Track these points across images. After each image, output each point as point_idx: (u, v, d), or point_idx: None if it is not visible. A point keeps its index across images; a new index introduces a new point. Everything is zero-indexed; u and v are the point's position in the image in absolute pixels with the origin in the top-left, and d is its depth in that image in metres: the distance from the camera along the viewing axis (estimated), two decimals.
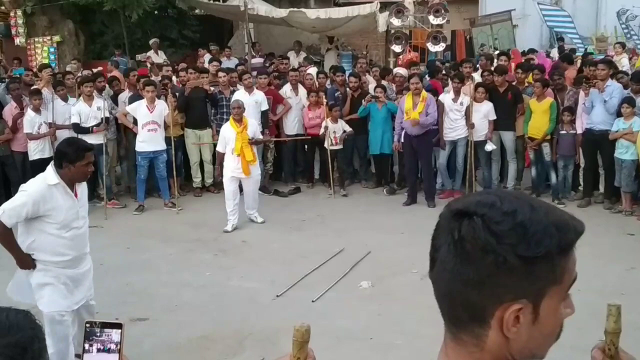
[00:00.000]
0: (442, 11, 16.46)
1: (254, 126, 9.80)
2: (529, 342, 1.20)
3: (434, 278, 1.26)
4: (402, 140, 10.70)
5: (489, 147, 10.68)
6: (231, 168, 9.49)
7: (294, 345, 1.46)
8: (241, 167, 9.43)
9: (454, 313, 1.22)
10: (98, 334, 1.48)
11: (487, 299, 1.17)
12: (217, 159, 9.95)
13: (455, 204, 1.24)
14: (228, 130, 9.54)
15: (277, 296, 6.93)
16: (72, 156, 5.11)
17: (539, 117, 10.37)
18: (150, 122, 10.42)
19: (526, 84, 11.24)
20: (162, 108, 10.54)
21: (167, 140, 10.75)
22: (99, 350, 1.48)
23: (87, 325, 1.49)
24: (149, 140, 10.46)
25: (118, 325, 1.49)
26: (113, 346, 1.48)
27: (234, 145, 9.39)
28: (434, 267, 1.24)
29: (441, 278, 1.22)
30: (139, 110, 10.49)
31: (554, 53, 16.81)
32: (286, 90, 12.03)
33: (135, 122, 10.67)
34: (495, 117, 10.62)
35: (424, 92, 10.41)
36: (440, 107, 10.63)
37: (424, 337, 5.75)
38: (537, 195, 9.93)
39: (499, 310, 1.16)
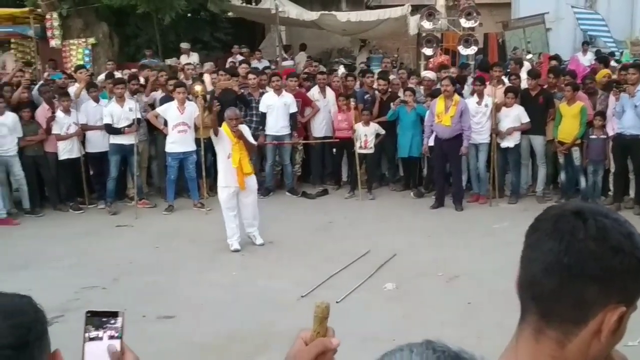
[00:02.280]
0: (474, 14, 16.37)
1: (245, 130, 8.82)
2: (603, 349, 1.25)
3: (541, 274, 1.24)
4: (432, 143, 10.68)
5: (506, 143, 10.63)
6: (226, 180, 8.58)
7: (314, 320, 1.51)
8: (236, 179, 8.51)
9: (558, 309, 1.23)
10: (99, 322, 1.52)
11: (601, 297, 1.20)
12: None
13: (567, 207, 1.28)
14: (223, 134, 8.60)
15: (302, 296, 6.97)
16: None
17: (569, 121, 10.29)
18: (180, 123, 10.54)
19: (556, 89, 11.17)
20: (192, 109, 10.65)
21: (197, 141, 10.87)
22: (99, 338, 1.52)
23: (88, 314, 1.53)
24: (179, 141, 10.58)
25: (118, 314, 1.54)
26: (114, 333, 1.52)
27: (230, 152, 8.55)
28: (543, 264, 1.24)
29: (556, 274, 1.22)
30: (169, 111, 10.62)
31: (585, 58, 16.60)
32: (314, 92, 12.08)
33: (165, 123, 10.80)
34: (528, 119, 10.54)
35: (456, 96, 10.37)
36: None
37: (448, 339, 5.71)
38: (566, 200, 9.86)
39: (603, 312, 1.21)
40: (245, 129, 8.79)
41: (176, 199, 10.98)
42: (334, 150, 12.06)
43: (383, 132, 11.39)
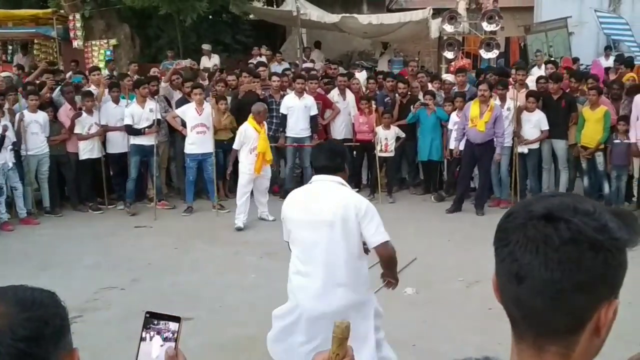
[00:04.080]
0: (496, 17, 16.28)
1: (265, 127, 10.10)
2: (603, 343, 1.21)
3: (526, 294, 1.18)
4: (462, 147, 10.59)
5: (521, 149, 10.55)
6: (247, 167, 9.75)
7: (333, 341, 1.46)
8: (255, 165, 9.67)
9: (552, 324, 1.18)
10: (156, 324, 1.51)
11: (593, 300, 1.17)
12: (231, 157, 10.18)
13: (533, 211, 1.19)
14: (250, 130, 9.71)
15: None
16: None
17: (592, 125, 10.18)
18: (199, 124, 10.54)
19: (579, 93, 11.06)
20: (210, 110, 10.66)
21: (218, 143, 10.88)
22: (154, 339, 1.50)
23: (147, 314, 1.52)
24: (198, 143, 10.57)
25: (177, 319, 1.53)
26: (170, 335, 1.51)
27: (256, 144, 9.63)
28: (524, 282, 1.17)
29: (541, 291, 1.16)
30: (188, 113, 10.62)
31: (607, 62, 16.43)
32: (334, 94, 12.04)
33: (184, 124, 10.80)
34: (547, 127, 10.46)
35: (492, 102, 10.27)
36: None
37: (469, 344, 5.70)
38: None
39: (597, 311, 1.17)
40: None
41: (195, 200, 10.98)
42: (355, 153, 12.01)
43: (403, 135, 11.33)
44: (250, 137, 9.68)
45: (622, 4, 22.87)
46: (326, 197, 4.24)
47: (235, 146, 9.90)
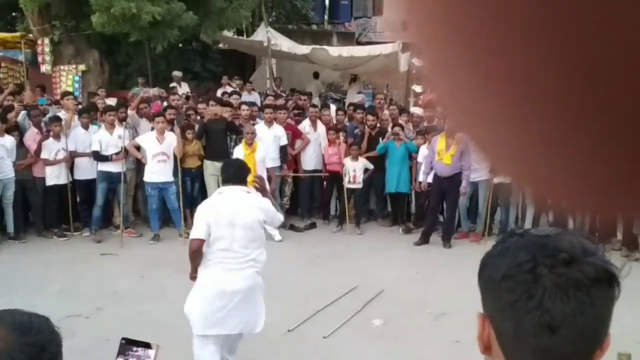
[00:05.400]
0: None
1: (263, 151, 10.29)
2: None
3: (559, 343, 1.14)
4: (430, 180, 10.64)
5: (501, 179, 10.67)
6: None
7: None
8: None
9: None
10: (134, 350, 1.50)
11: (605, 334, 1.17)
12: None
13: (546, 256, 1.15)
14: (239, 152, 9.99)
15: (289, 331, 6.90)
16: None
17: None
18: (160, 153, 10.48)
19: None
20: (172, 139, 10.62)
21: (185, 171, 10.85)
22: None
23: (123, 341, 1.51)
24: (158, 171, 10.51)
25: (153, 346, 1.52)
26: None
27: None
28: (557, 332, 1.13)
29: (574, 339, 1.13)
30: (149, 141, 10.57)
31: None
32: (305, 125, 12.10)
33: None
34: None
35: (458, 135, 10.37)
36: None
37: None
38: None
39: (600, 347, 1.18)
40: (262, 150, 10.34)
41: (163, 228, 10.89)
42: (325, 183, 12.06)
43: (371, 167, 11.40)
44: (240, 155, 9.80)
45: None
46: (239, 201, 5.34)
47: None
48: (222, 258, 5.29)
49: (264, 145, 10.59)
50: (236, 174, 5.55)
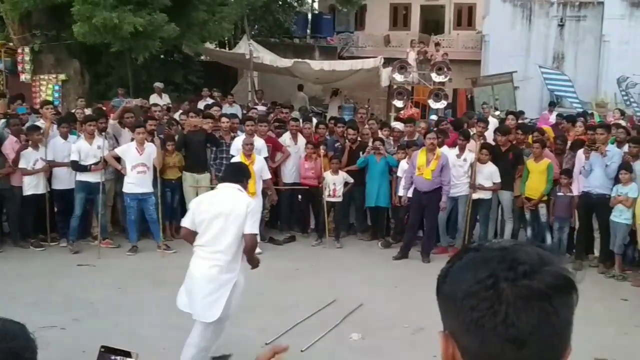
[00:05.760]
0: (445, 69, 16.68)
1: (261, 163, 10.36)
2: None
3: (529, 356, 1.13)
4: (410, 195, 10.66)
5: (480, 195, 10.71)
6: None
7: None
8: None
9: None
10: (113, 359, 1.49)
11: (569, 342, 1.17)
12: None
13: (505, 268, 1.14)
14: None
15: (266, 344, 6.85)
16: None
17: (536, 177, 10.44)
18: (139, 164, 10.42)
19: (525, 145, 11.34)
20: (152, 150, 10.57)
21: (166, 182, 10.81)
22: None
23: (102, 349, 1.49)
24: (138, 182, 10.44)
25: (132, 354, 1.51)
26: None
27: None
28: (525, 345, 1.12)
29: (543, 349, 1.13)
30: (129, 152, 10.50)
31: (551, 117, 16.91)
32: (285, 138, 12.10)
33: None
34: (499, 180, 10.64)
35: (438, 150, 10.41)
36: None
37: None
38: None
39: (564, 356, 1.18)
40: (260, 162, 10.48)
41: (141, 239, 10.82)
42: (300, 197, 12.04)
43: (351, 180, 11.42)
44: None
45: (566, 62, 23.67)
46: (227, 195, 5.86)
47: None
48: (198, 246, 5.85)
49: (261, 157, 10.64)
50: (233, 173, 6.13)
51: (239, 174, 6.09)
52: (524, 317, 1.11)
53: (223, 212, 5.71)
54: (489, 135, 11.79)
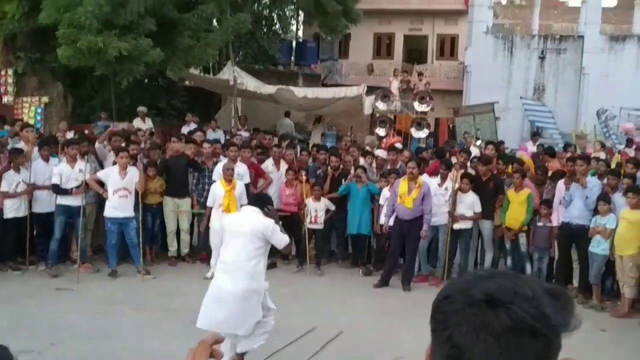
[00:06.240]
0: (427, 99, 16.82)
1: (241, 188, 10.42)
2: None
3: None
4: (392, 223, 10.66)
5: (461, 225, 10.76)
6: (216, 223, 9.95)
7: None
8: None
9: None
10: None
11: None
12: (206, 213, 10.59)
13: (469, 295, 1.17)
14: (218, 188, 10.32)
15: None
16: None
17: (516, 207, 10.53)
18: (121, 188, 10.39)
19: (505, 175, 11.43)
20: (134, 174, 10.54)
21: (147, 207, 10.78)
22: None
23: None
24: (119, 207, 10.40)
25: None
26: None
27: (222, 201, 10.15)
28: None
29: None
30: (111, 175, 10.47)
31: (534, 147, 17.08)
32: (268, 164, 12.12)
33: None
34: (480, 209, 10.70)
35: (420, 179, 10.46)
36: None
37: None
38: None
39: None
40: (241, 187, 10.56)
41: (121, 264, 10.74)
42: (280, 223, 12.00)
43: (333, 207, 11.45)
44: (218, 194, 10.22)
45: (546, 93, 23.96)
46: (248, 218, 6.60)
47: (208, 203, 10.44)
48: (221, 260, 6.63)
49: (242, 183, 10.67)
50: (255, 200, 7.25)
51: (259, 201, 7.05)
52: (468, 342, 1.14)
53: (242, 232, 6.44)
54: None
